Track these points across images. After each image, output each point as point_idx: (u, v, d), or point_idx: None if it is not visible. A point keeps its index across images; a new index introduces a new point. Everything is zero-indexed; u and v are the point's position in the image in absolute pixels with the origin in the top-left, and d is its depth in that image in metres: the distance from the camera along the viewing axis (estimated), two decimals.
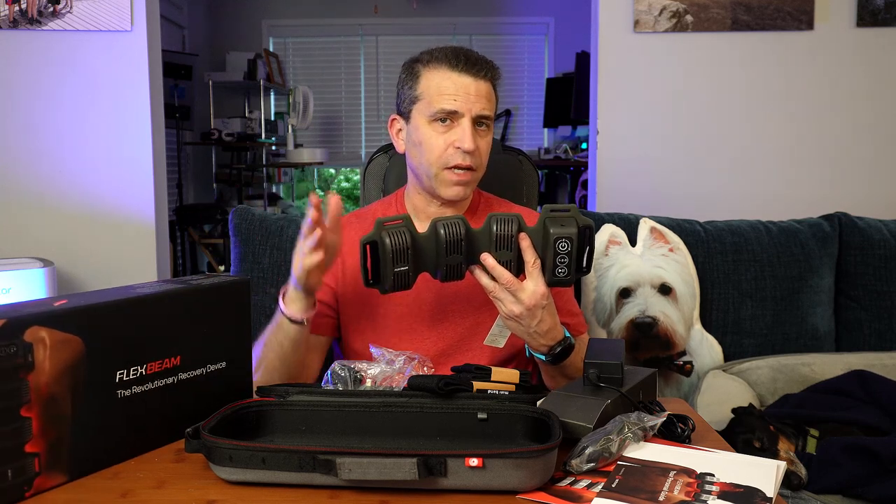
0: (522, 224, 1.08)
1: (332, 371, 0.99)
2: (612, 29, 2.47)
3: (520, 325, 1.11)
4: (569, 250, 1.05)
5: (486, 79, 1.24)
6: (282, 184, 6.01)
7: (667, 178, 2.51)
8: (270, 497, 0.78)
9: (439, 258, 1.06)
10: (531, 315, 1.08)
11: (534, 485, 0.78)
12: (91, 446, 0.84)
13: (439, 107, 1.22)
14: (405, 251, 1.04)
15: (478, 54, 1.27)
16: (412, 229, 1.06)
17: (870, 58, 2.47)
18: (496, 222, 1.07)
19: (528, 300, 1.07)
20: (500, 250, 1.07)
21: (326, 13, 5.88)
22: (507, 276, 1.07)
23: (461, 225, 1.06)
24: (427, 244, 1.06)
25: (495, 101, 1.28)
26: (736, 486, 0.78)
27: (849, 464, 1.41)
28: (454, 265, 1.07)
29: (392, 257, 1.03)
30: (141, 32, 2.47)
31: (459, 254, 1.06)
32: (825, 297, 1.93)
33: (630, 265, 1.83)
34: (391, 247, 1.03)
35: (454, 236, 1.05)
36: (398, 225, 1.05)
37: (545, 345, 1.14)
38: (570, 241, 1.05)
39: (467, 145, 1.21)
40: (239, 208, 1.83)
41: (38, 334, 0.78)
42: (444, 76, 1.23)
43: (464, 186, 1.26)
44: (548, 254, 1.07)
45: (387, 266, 1.04)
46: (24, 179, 2.50)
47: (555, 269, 1.07)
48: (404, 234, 1.04)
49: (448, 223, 1.06)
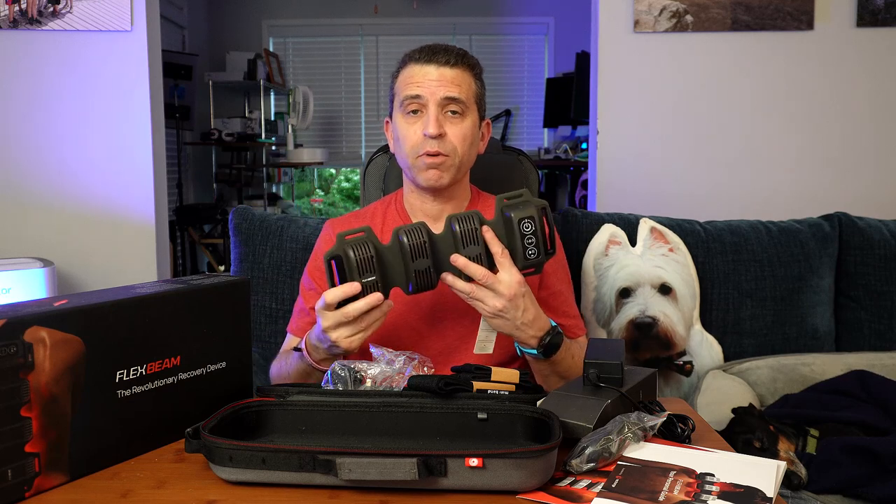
0: (482, 218, 1.08)
1: (332, 371, 0.99)
2: (612, 29, 2.47)
3: (505, 320, 1.10)
4: (533, 230, 1.07)
5: (451, 65, 1.26)
6: (282, 184, 6.01)
7: (667, 178, 2.51)
8: (270, 497, 0.78)
9: (407, 266, 1.06)
10: (514, 306, 1.08)
11: (534, 485, 0.78)
12: (91, 446, 0.84)
13: (404, 94, 1.26)
14: (370, 260, 1.03)
15: (448, 46, 1.29)
16: (375, 241, 1.05)
17: (870, 58, 2.47)
18: (456, 221, 1.07)
19: (507, 290, 1.07)
20: (468, 246, 1.07)
21: (326, 13, 5.88)
22: (482, 271, 1.06)
23: (423, 230, 1.06)
24: (392, 254, 1.06)
25: (472, 87, 1.29)
26: (736, 486, 0.78)
27: (849, 464, 1.41)
28: (422, 270, 1.06)
29: (358, 268, 1.03)
30: (141, 32, 2.47)
31: (426, 258, 1.06)
32: (825, 297, 1.93)
33: (630, 265, 1.83)
34: (355, 259, 1.02)
35: (417, 240, 1.05)
36: (360, 237, 1.04)
37: (534, 336, 1.14)
38: (533, 219, 1.07)
39: (430, 129, 1.23)
40: (239, 208, 1.83)
41: (38, 334, 0.78)
42: (410, 69, 1.28)
43: (437, 170, 1.26)
44: (514, 239, 1.07)
45: (354, 279, 1.03)
46: (24, 179, 2.50)
47: (525, 252, 1.07)
48: (367, 246, 1.03)
49: (409, 229, 1.06)
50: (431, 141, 1.24)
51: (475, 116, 1.30)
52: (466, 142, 1.28)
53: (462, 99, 1.26)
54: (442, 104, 1.25)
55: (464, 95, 1.26)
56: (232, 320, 1.01)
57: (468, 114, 1.28)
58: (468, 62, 1.29)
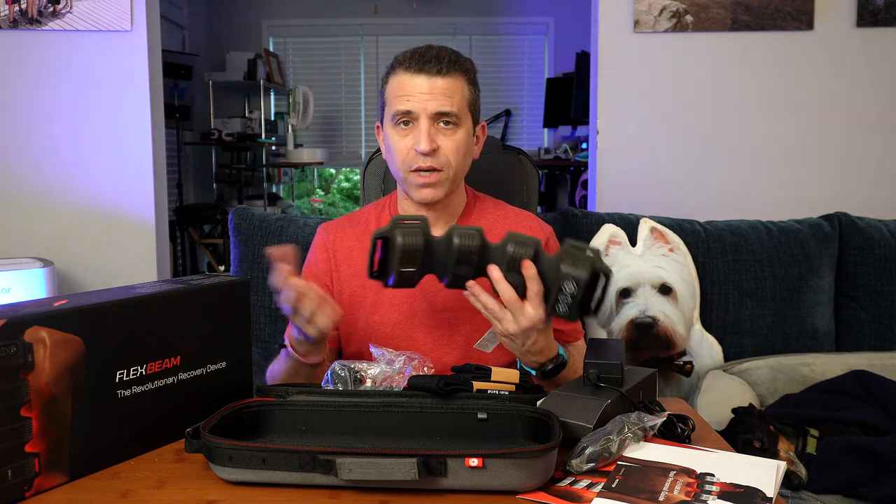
0: (540, 250, 1.05)
1: (332, 371, 0.99)
2: (612, 29, 2.47)
3: (513, 343, 1.10)
4: (574, 292, 1.02)
5: (443, 74, 1.20)
6: (282, 184, 6.01)
7: (667, 178, 2.51)
8: (270, 497, 0.78)
9: (447, 266, 1.04)
10: (525, 336, 1.07)
11: (534, 485, 0.78)
12: (91, 446, 0.84)
13: (395, 109, 1.22)
14: (415, 253, 1.02)
15: (439, 51, 1.23)
16: (427, 232, 1.03)
17: (870, 58, 2.47)
18: (513, 244, 1.04)
19: (525, 322, 1.05)
20: (510, 272, 1.04)
21: (326, 13, 5.88)
22: (511, 294, 1.04)
23: (477, 237, 1.04)
24: (439, 249, 1.04)
25: (465, 95, 1.24)
26: (736, 486, 0.78)
27: (849, 464, 1.41)
28: (462, 276, 1.04)
29: (401, 257, 1.01)
30: (141, 32, 2.47)
31: (470, 266, 1.04)
32: (825, 297, 1.93)
33: (630, 265, 1.83)
34: (402, 247, 1.01)
35: (468, 248, 1.03)
36: (414, 225, 1.02)
37: (537, 361, 1.13)
38: (578, 284, 1.01)
39: (422, 146, 1.19)
40: (239, 208, 1.83)
41: (38, 334, 0.78)
42: (400, 79, 1.22)
43: (431, 188, 1.23)
44: (553, 288, 1.03)
45: (395, 264, 1.02)
46: (25, 179, 2.50)
47: (555, 305, 1.04)
48: (418, 237, 1.02)
49: (464, 234, 1.03)
50: (424, 157, 1.20)
51: (469, 125, 1.25)
52: (460, 153, 1.24)
53: (454, 111, 1.21)
54: (434, 118, 1.21)
55: (456, 107, 1.21)
56: (232, 320, 1.01)
57: (461, 124, 1.23)
58: (461, 67, 1.23)
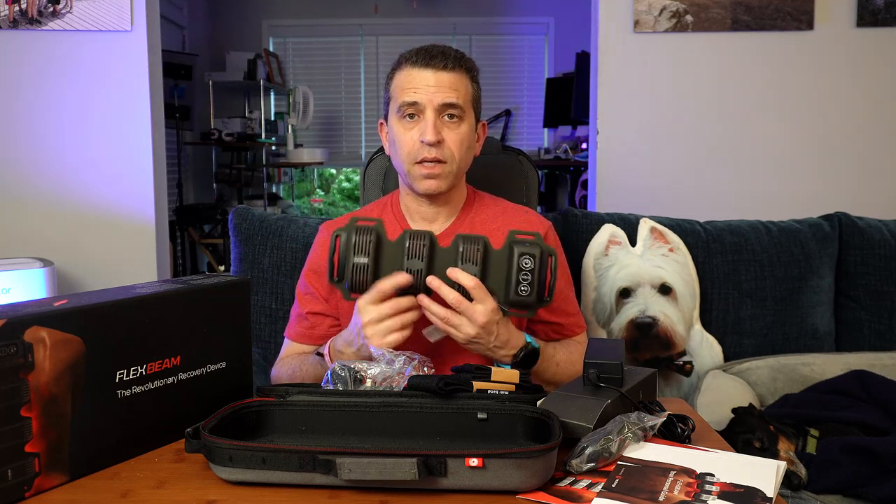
0: (488, 246, 1.10)
1: (332, 371, 0.99)
2: (612, 29, 2.47)
3: (479, 345, 1.12)
4: (531, 267, 1.07)
5: (449, 69, 1.25)
6: (282, 184, 6.01)
7: (667, 178, 2.51)
8: (270, 497, 0.78)
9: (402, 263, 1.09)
10: (487, 332, 1.10)
11: (534, 485, 0.78)
12: (91, 446, 0.84)
13: (402, 100, 1.25)
14: (367, 245, 1.08)
15: (444, 48, 1.28)
16: (381, 232, 1.10)
17: (870, 58, 2.47)
18: (462, 241, 1.10)
19: (481, 318, 1.08)
20: (465, 264, 1.09)
21: (326, 13, 5.88)
22: (454, 295, 1.07)
23: (428, 237, 1.10)
24: (393, 249, 1.10)
25: (469, 91, 1.28)
26: (736, 486, 0.78)
27: (849, 464, 1.41)
28: (415, 271, 1.09)
29: (354, 248, 1.08)
30: (141, 32, 2.47)
31: (420, 260, 1.09)
32: (825, 297, 1.93)
33: (630, 265, 1.83)
34: (355, 239, 1.08)
35: (419, 243, 1.09)
36: (369, 225, 1.10)
37: (507, 355, 1.16)
38: (533, 258, 1.07)
39: (429, 137, 1.22)
40: (239, 208, 1.83)
41: (38, 334, 0.78)
42: (406, 73, 1.26)
43: (435, 180, 1.26)
44: (511, 272, 1.09)
45: (348, 257, 1.08)
46: (25, 179, 2.50)
47: (517, 287, 1.08)
48: (371, 232, 1.09)
49: (415, 233, 1.10)
50: (430, 148, 1.23)
51: (472, 120, 1.29)
52: (464, 147, 1.27)
53: (460, 104, 1.25)
54: (440, 110, 1.24)
55: (461, 100, 1.26)
56: (232, 320, 1.01)
57: (465, 118, 1.27)
58: (466, 65, 1.28)
